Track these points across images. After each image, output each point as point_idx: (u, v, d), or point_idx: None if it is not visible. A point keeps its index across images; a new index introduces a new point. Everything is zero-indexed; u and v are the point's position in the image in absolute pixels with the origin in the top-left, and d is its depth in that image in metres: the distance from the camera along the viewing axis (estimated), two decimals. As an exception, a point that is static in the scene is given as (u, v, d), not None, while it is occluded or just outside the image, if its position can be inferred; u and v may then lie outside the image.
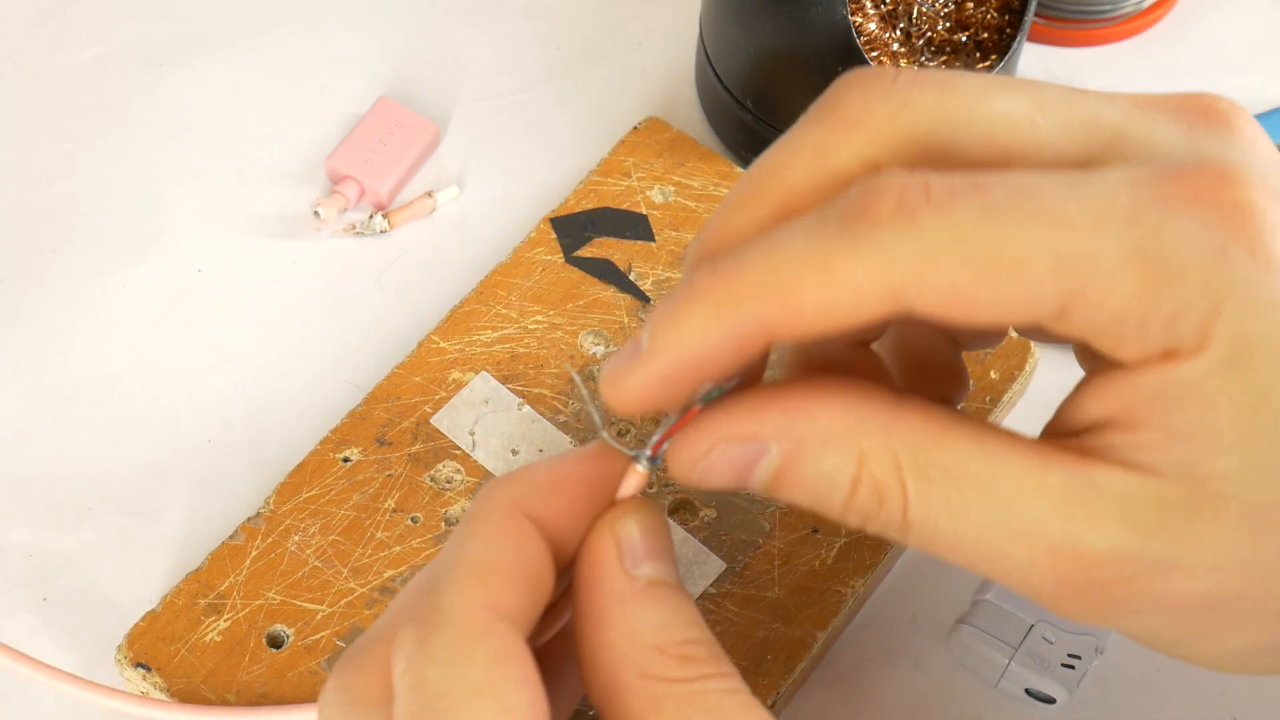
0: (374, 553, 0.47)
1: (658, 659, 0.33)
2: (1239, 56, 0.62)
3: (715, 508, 0.48)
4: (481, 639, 0.32)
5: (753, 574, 0.47)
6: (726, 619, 0.46)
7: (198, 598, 0.46)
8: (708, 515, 0.48)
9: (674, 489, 0.49)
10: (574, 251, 0.53)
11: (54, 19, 0.61)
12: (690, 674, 0.33)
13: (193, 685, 0.45)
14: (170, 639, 0.45)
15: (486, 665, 0.32)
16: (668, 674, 0.33)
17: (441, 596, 0.33)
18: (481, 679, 0.32)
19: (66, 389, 0.53)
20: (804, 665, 0.46)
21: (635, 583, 0.34)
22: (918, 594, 0.49)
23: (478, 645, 0.32)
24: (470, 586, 0.33)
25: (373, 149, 0.56)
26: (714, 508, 0.48)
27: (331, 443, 0.49)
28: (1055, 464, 0.32)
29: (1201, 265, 0.31)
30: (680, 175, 0.55)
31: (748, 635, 0.46)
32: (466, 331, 0.52)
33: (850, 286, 0.31)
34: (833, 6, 0.50)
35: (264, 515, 0.48)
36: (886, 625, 0.49)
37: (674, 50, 0.61)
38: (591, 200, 0.54)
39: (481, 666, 0.32)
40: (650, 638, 0.34)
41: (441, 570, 0.34)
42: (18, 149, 0.58)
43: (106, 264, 0.55)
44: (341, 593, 0.46)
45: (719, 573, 0.47)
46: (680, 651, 0.34)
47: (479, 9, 0.62)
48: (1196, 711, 0.48)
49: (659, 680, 0.33)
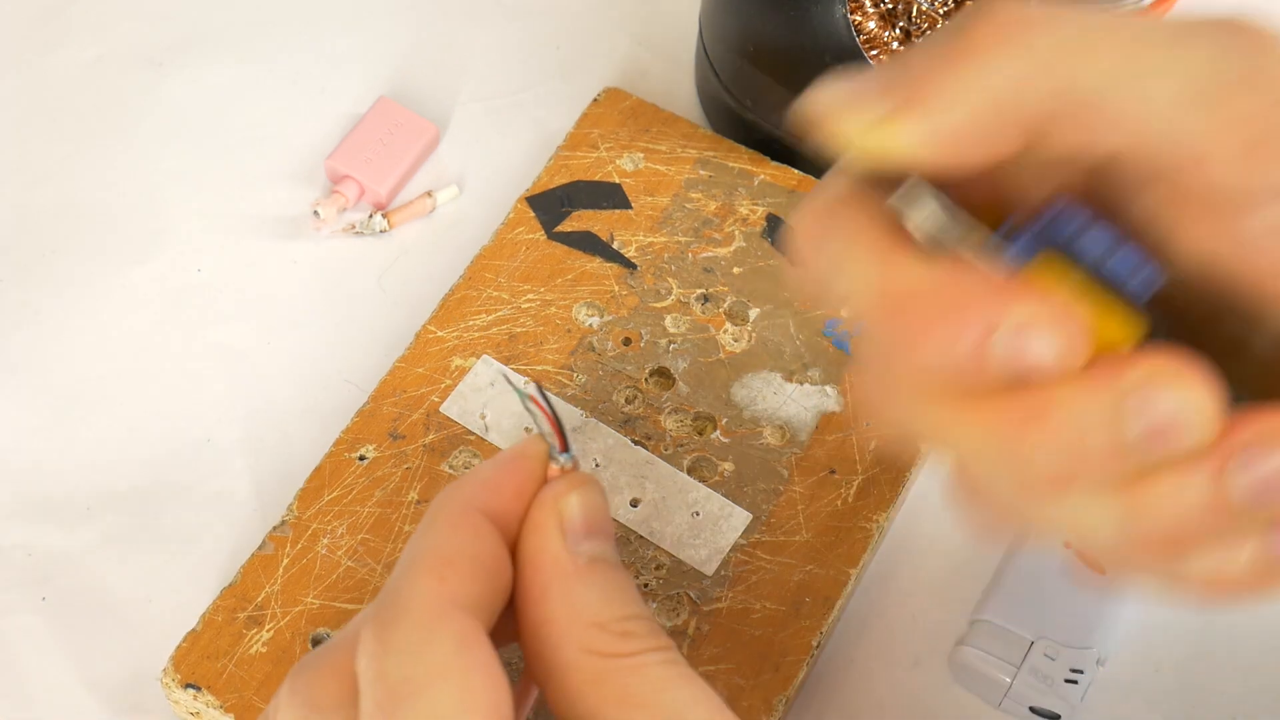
0: (404, 546, 0.47)
1: (599, 635, 0.34)
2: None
3: (733, 461, 0.49)
4: (438, 625, 0.33)
5: (778, 521, 0.48)
6: (760, 567, 0.47)
7: (236, 612, 0.46)
8: (726, 469, 0.49)
9: (690, 446, 0.49)
10: (554, 228, 0.54)
11: (54, 19, 0.61)
12: (631, 649, 0.34)
13: (245, 699, 0.45)
14: (215, 656, 0.45)
15: (445, 650, 0.32)
16: (609, 649, 0.34)
17: (399, 590, 0.33)
18: (441, 663, 0.32)
19: (66, 389, 0.53)
20: (841, 603, 0.47)
21: (577, 560, 0.35)
22: (917, 594, 0.49)
23: (435, 631, 0.32)
24: (425, 578, 0.33)
25: (372, 149, 0.56)
26: (731, 461, 0.49)
27: (345, 443, 0.49)
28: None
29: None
30: (646, 141, 0.55)
31: (783, 580, 0.47)
32: (461, 318, 0.52)
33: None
34: (832, 5, 0.50)
35: (289, 523, 0.48)
36: (886, 625, 0.49)
37: (674, 50, 0.61)
38: (564, 175, 0.55)
39: (440, 652, 0.32)
40: (592, 614, 0.35)
41: (400, 568, 0.34)
42: (18, 149, 0.58)
43: (106, 264, 0.55)
44: (379, 589, 0.46)
45: (746, 524, 0.48)
46: (621, 628, 0.34)
47: (479, 9, 0.62)
48: (1197, 711, 0.48)
49: (600, 655, 0.34)
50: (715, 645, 0.46)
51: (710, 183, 0.54)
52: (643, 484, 0.49)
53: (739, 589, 0.47)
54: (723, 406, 0.50)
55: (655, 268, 0.53)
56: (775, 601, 0.47)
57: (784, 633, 0.46)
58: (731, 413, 0.50)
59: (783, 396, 0.50)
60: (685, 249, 0.53)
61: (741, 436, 0.49)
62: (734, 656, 0.46)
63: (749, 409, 0.50)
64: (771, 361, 0.51)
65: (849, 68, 0.51)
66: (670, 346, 0.51)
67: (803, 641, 0.46)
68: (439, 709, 0.32)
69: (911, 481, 0.50)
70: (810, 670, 0.47)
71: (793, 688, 0.46)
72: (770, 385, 0.50)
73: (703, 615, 0.47)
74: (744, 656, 0.46)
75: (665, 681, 0.34)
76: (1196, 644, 0.49)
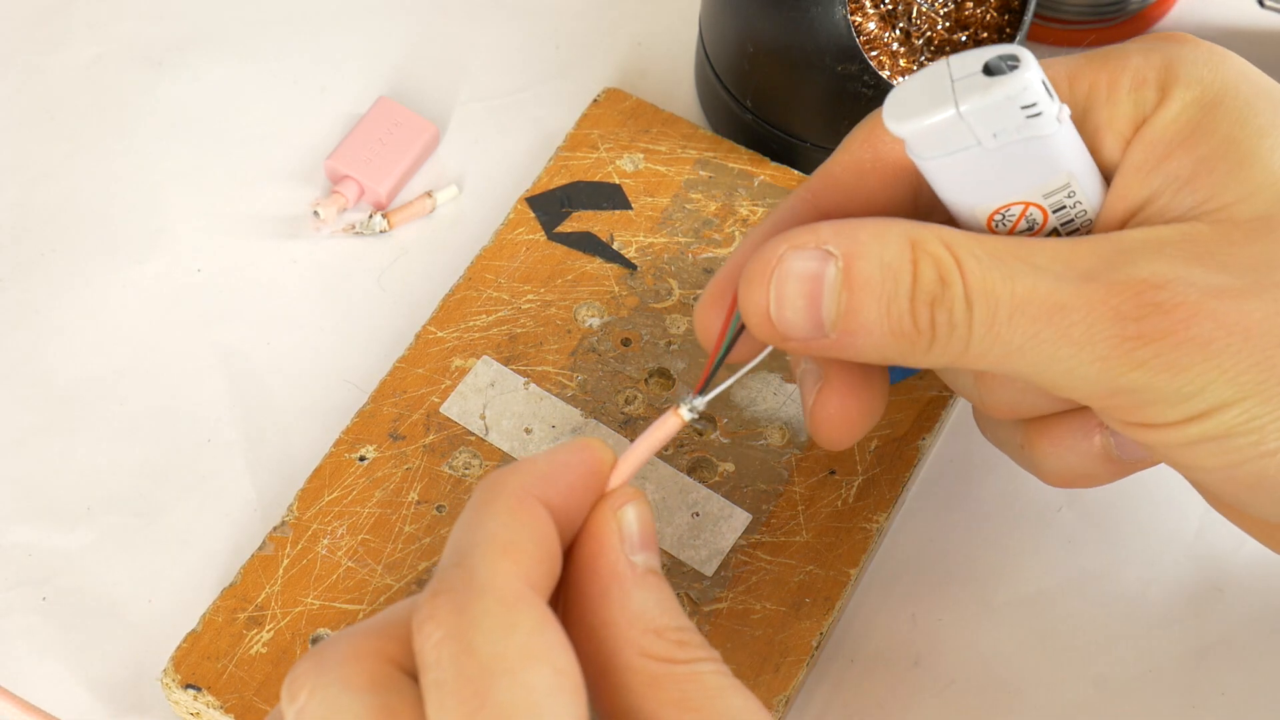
0: (405, 546, 0.47)
1: (656, 641, 0.35)
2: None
3: (733, 461, 0.49)
4: (519, 606, 0.33)
5: (779, 522, 0.48)
6: (761, 568, 0.47)
7: (236, 612, 0.46)
8: (726, 469, 0.49)
9: (691, 447, 0.49)
10: (554, 228, 0.54)
11: (54, 19, 0.61)
12: (687, 656, 0.35)
13: (245, 700, 0.45)
14: (215, 657, 0.46)
15: (530, 631, 0.32)
16: (667, 654, 0.35)
17: (474, 569, 0.33)
18: (528, 643, 0.32)
19: (66, 389, 0.53)
20: (841, 603, 0.47)
21: (635, 568, 0.36)
22: (917, 594, 0.50)
23: (519, 612, 0.33)
24: (501, 559, 0.33)
25: (372, 149, 0.56)
26: (731, 461, 0.49)
27: (345, 443, 0.49)
28: (1082, 238, 0.37)
29: (1148, 52, 0.38)
30: (646, 141, 0.55)
31: (784, 581, 0.47)
32: (461, 318, 0.52)
33: None
34: (832, 6, 0.50)
35: (289, 523, 0.48)
36: (886, 625, 0.49)
37: (674, 50, 0.61)
38: (564, 176, 0.55)
39: (526, 632, 0.32)
40: (650, 621, 0.35)
41: (465, 548, 0.34)
42: (18, 149, 0.58)
43: (106, 264, 0.55)
44: (379, 590, 0.47)
45: (745, 524, 0.48)
46: (677, 636, 0.35)
47: (479, 9, 0.62)
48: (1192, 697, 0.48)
49: (659, 660, 0.35)
50: (715, 646, 0.46)
51: (710, 183, 0.54)
52: (643, 484, 0.49)
53: (739, 589, 0.47)
54: (723, 407, 0.50)
55: (655, 268, 0.53)
56: (775, 602, 0.47)
57: (784, 633, 0.46)
58: (731, 413, 0.50)
59: (783, 397, 0.50)
60: (685, 250, 0.53)
61: (741, 437, 0.50)
62: (734, 657, 0.46)
63: (749, 409, 0.50)
64: (771, 362, 0.51)
65: (849, 68, 0.51)
66: (670, 347, 0.51)
67: (803, 641, 0.46)
68: (534, 688, 0.32)
69: (912, 481, 0.50)
70: (810, 670, 0.47)
71: (793, 688, 0.46)
72: (770, 386, 0.50)
73: (703, 616, 0.47)
74: (744, 657, 0.46)
75: (720, 690, 0.35)
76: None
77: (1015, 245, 0.37)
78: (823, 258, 0.37)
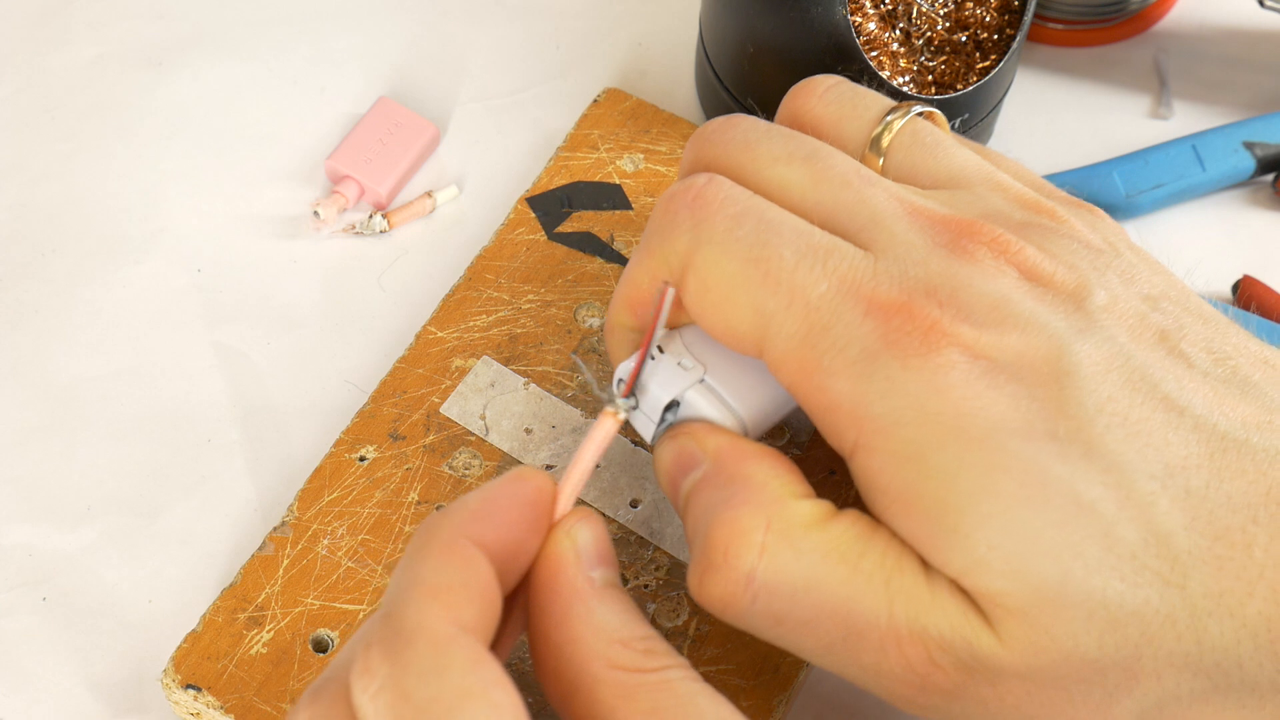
0: (405, 547, 0.47)
1: (623, 652, 0.36)
2: (1239, 56, 0.62)
3: None
4: (449, 647, 0.33)
5: None
6: None
7: (236, 613, 0.46)
8: None
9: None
10: (554, 228, 0.54)
11: (54, 19, 0.61)
12: (655, 664, 0.36)
13: (246, 700, 0.45)
14: (215, 657, 0.46)
15: (464, 670, 0.33)
16: (635, 664, 0.36)
17: (403, 616, 0.34)
18: (462, 683, 0.33)
19: (66, 389, 0.53)
20: None
21: (594, 583, 0.37)
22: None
23: (450, 653, 0.33)
24: (429, 603, 0.34)
25: (372, 149, 0.56)
26: None
27: (345, 444, 0.49)
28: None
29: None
30: (646, 142, 0.56)
31: None
32: (461, 319, 0.52)
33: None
34: (832, 6, 0.50)
35: (290, 523, 0.48)
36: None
37: (674, 50, 0.61)
38: (564, 176, 0.55)
39: (459, 672, 0.33)
40: (614, 632, 0.36)
41: (396, 595, 0.35)
42: (18, 149, 0.58)
43: (106, 264, 0.55)
44: (379, 590, 0.47)
45: None
46: (644, 645, 0.36)
47: (479, 9, 0.62)
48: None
49: (628, 670, 0.36)
50: (715, 646, 0.46)
51: (710, 183, 0.54)
52: (643, 484, 0.49)
53: (739, 589, 0.47)
54: (723, 407, 0.50)
55: (655, 268, 0.53)
56: None
57: (784, 633, 0.46)
58: (731, 413, 0.50)
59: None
60: (685, 249, 0.53)
61: None
62: (734, 657, 0.46)
63: (749, 409, 0.50)
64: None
65: (849, 68, 0.51)
66: (670, 347, 0.51)
67: None
68: None
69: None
70: (810, 670, 0.47)
71: (793, 688, 0.46)
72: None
73: (703, 616, 0.47)
74: (744, 657, 0.46)
75: (691, 695, 0.35)
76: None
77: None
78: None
